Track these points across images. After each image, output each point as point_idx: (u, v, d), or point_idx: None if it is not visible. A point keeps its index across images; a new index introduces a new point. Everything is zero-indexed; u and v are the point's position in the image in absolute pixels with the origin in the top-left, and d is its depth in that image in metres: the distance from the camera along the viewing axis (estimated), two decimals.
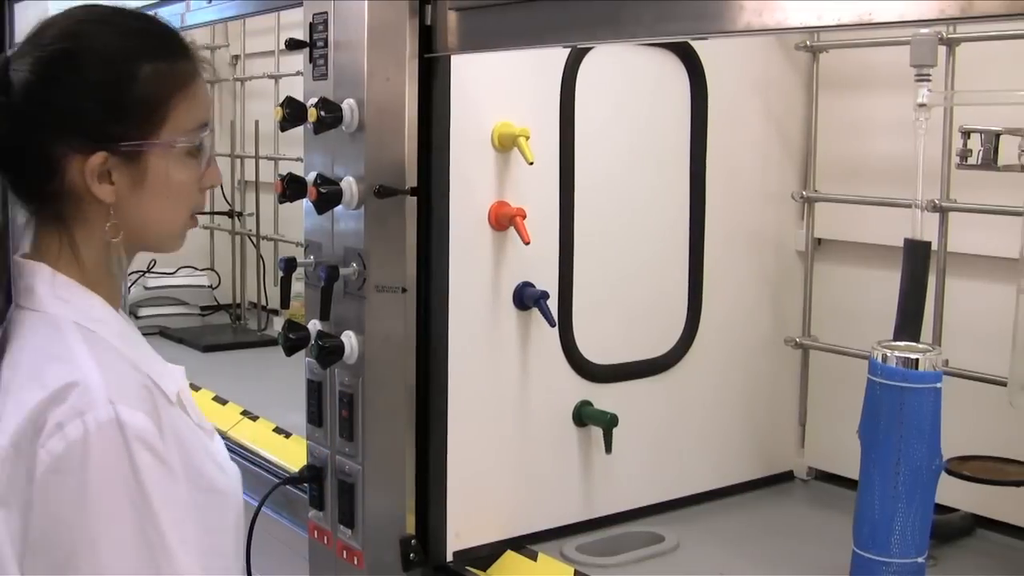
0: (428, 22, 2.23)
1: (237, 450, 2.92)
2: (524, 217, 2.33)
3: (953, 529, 2.66)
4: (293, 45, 2.33)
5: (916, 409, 1.97)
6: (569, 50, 2.43)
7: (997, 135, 2.29)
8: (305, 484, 2.44)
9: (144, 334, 1.58)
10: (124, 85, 1.42)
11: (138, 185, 1.44)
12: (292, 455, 2.76)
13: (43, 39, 1.45)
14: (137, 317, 4.36)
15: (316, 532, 2.41)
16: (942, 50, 2.48)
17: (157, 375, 1.44)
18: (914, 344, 2.10)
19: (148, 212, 1.47)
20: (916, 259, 2.39)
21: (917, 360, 1.98)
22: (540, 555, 2.38)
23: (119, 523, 1.27)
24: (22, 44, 1.45)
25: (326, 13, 2.26)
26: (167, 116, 1.45)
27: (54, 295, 1.42)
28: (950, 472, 2.41)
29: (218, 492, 1.48)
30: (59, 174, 1.42)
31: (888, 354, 1.99)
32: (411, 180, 2.23)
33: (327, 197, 2.20)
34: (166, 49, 1.47)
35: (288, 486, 2.53)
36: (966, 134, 2.33)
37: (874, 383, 2.00)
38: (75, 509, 1.27)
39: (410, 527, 2.30)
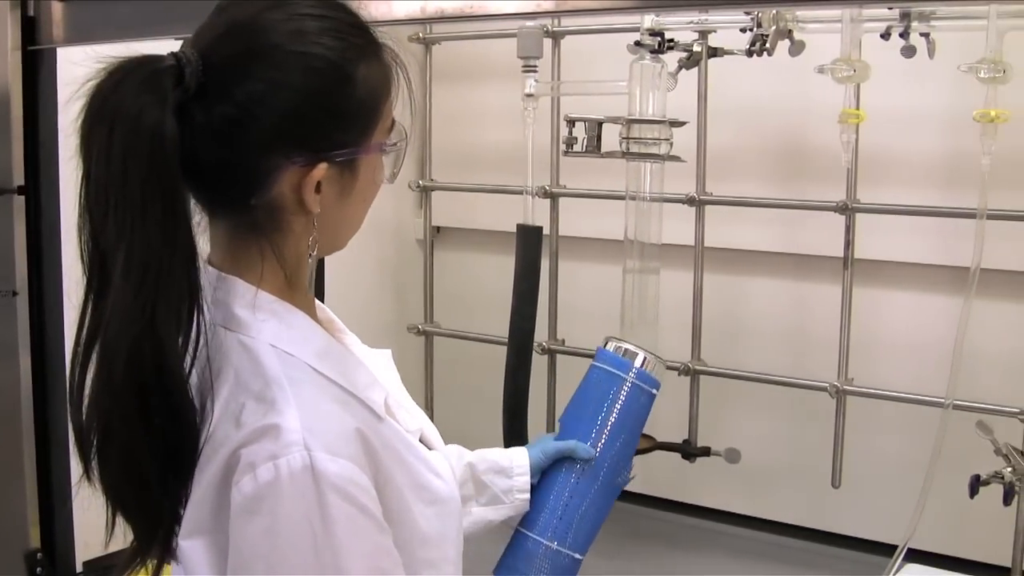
0: (31, 13, 2.15)
1: None
2: None
3: None
4: None
5: (631, 409, 1.85)
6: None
7: (600, 123, 2.41)
8: None
9: None
10: (346, 90, 1.27)
11: (346, 193, 1.30)
12: None
13: (250, 36, 1.26)
14: None
15: None
16: (548, 43, 2.59)
17: (363, 388, 1.33)
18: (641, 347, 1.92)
19: (345, 218, 1.34)
20: (529, 243, 2.48)
21: (647, 359, 1.86)
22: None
23: (303, 571, 1.19)
24: (209, 39, 1.26)
25: None
26: (378, 119, 1.31)
27: (254, 316, 1.29)
28: None
29: (441, 501, 1.39)
30: (269, 185, 1.26)
31: (620, 346, 1.87)
32: (19, 179, 2.15)
33: None
34: (373, 46, 1.31)
35: None
36: (571, 123, 2.44)
37: (599, 370, 1.87)
38: (263, 551, 1.19)
39: (35, 540, 2.22)
